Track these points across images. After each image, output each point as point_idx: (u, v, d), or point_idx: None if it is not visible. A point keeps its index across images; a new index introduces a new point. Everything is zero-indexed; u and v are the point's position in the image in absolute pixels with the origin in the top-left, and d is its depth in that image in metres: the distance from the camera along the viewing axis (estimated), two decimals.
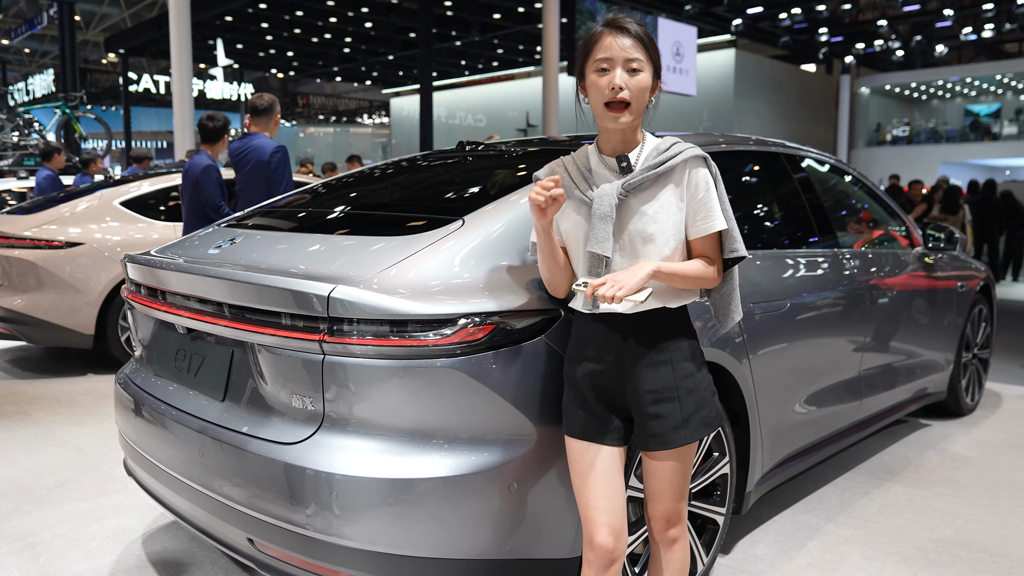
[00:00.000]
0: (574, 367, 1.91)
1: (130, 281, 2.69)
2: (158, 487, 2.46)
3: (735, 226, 1.90)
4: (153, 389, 2.50)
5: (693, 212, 1.85)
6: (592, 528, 1.83)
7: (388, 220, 2.49)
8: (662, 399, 1.84)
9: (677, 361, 1.86)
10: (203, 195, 5.05)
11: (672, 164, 1.82)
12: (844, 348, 3.30)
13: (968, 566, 2.83)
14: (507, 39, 25.86)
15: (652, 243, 1.81)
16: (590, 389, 1.88)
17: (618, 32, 1.80)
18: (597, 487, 1.84)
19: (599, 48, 1.80)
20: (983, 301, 4.73)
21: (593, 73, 1.81)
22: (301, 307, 1.92)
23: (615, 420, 1.89)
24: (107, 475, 3.61)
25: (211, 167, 5.08)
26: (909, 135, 27.74)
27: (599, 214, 1.79)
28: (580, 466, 1.88)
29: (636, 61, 1.79)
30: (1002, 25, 21.27)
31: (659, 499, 1.93)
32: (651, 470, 1.92)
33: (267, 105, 4.92)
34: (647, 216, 1.81)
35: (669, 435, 1.85)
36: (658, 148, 1.86)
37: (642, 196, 1.82)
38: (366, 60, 29.84)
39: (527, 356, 1.98)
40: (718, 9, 21.42)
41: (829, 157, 3.86)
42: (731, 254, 1.90)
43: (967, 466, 3.86)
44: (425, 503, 1.88)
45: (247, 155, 4.80)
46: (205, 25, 22.88)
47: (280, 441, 2.00)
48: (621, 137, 1.86)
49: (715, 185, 1.87)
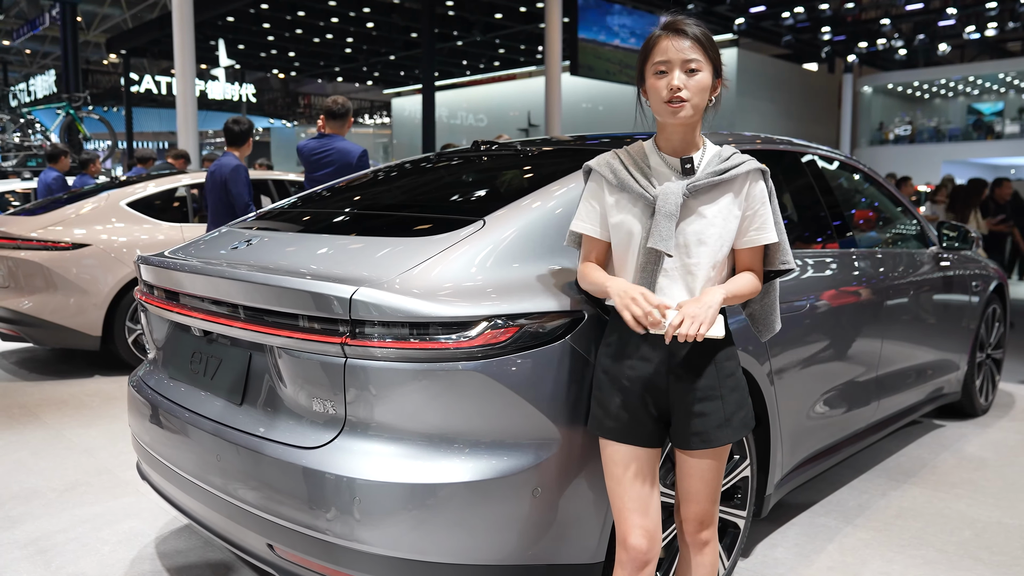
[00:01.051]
0: (613, 367, 1.88)
1: (143, 283, 2.66)
2: (173, 491, 2.43)
3: (786, 239, 1.94)
4: (168, 392, 2.47)
5: (748, 223, 1.88)
6: (626, 529, 1.81)
7: (406, 220, 2.46)
8: (706, 397, 1.84)
9: (720, 360, 1.86)
10: (232, 193, 5.11)
11: (735, 173, 1.84)
12: (861, 348, 3.26)
13: (990, 569, 2.80)
14: (509, 39, 25.83)
15: (705, 246, 1.82)
16: (632, 389, 1.86)
17: (675, 35, 1.79)
18: (632, 489, 1.83)
19: (657, 51, 1.80)
20: (996, 301, 4.70)
21: (652, 76, 1.81)
22: (322, 309, 1.89)
23: (652, 421, 1.87)
24: (118, 478, 3.59)
25: (240, 167, 5.20)
26: (912, 134, 27.70)
27: (664, 211, 1.78)
28: (615, 468, 1.85)
29: (694, 62, 1.78)
30: (1005, 24, 21.23)
31: (694, 500, 1.91)
32: (688, 470, 1.90)
33: (343, 110, 5.14)
34: (705, 219, 1.82)
35: (712, 433, 1.84)
36: (720, 155, 1.88)
37: (702, 199, 1.83)
38: (367, 60, 29.82)
39: (552, 358, 1.95)
40: (720, 8, 21.41)
41: (841, 155, 3.82)
42: (782, 266, 1.95)
43: (984, 468, 3.83)
44: (449, 508, 1.85)
45: (328, 155, 4.99)
46: (207, 25, 22.87)
47: (300, 445, 1.97)
48: (682, 136, 1.85)
49: (770, 199, 1.90)
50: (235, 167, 5.17)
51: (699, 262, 1.82)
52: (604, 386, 1.90)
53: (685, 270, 1.83)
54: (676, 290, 1.83)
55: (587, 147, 2.80)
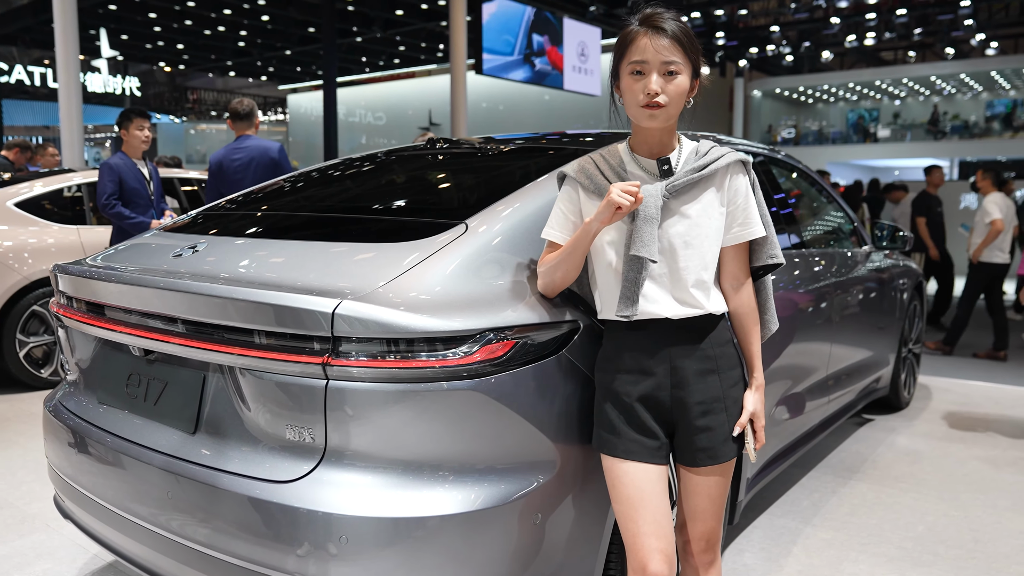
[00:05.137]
0: (612, 380, 1.76)
1: (60, 294, 2.35)
2: (107, 531, 2.13)
3: (773, 233, 1.85)
4: (97, 419, 2.18)
5: (731, 218, 1.77)
6: (644, 556, 1.68)
7: (375, 224, 2.25)
8: (710, 411, 1.74)
9: (724, 369, 1.76)
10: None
11: (715, 168, 1.73)
12: (815, 348, 3.27)
13: (949, 564, 2.85)
14: (409, 36, 25.43)
15: (692, 248, 1.71)
16: (634, 403, 1.74)
17: (654, 32, 1.66)
18: (647, 511, 1.70)
19: (634, 49, 1.67)
20: (916, 297, 4.87)
21: (628, 76, 1.68)
22: (298, 325, 1.68)
23: (659, 436, 1.75)
24: (22, 512, 3.19)
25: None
26: (796, 136, 29.03)
27: (645, 216, 1.65)
28: (625, 489, 1.72)
29: (673, 64, 1.66)
30: (882, 34, 22.52)
31: (700, 519, 1.81)
32: (693, 487, 1.79)
33: (248, 109, 5.07)
34: (689, 219, 1.71)
35: (719, 448, 1.74)
36: (697, 151, 1.77)
37: (683, 199, 1.72)
38: (262, 55, 28.70)
39: (549, 373, 1.81)
40: (621, 11, 21.76)
41: (776, 153, 3.84)
42: (770, 260, 1.84)
43: (920, 460, 3.94)
44: (448, 542, 1.67)
45: (245, 156, 4.88)
46: (87, 13, 21.39)
47: (271, 479, 1.75)
48: (658, 138, 1.75)
49: (753, 191, 1.79)
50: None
51: (687, 266, 1.71)
52: (605, 402, 1.78)
53: (673, 275, 1.72)
54: (664, 297, 1.72)
55: (555, 145, 2.67)
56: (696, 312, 1.72)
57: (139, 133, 5.02)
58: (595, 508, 1.91)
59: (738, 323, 1.83)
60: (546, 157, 2.50)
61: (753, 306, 1.84)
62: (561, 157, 2.38)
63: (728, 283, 1.81)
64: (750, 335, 1.83)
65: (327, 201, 2.68)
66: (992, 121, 26.57)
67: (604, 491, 1.90)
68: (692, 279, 1.72)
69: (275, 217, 2.52)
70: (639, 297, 1.70)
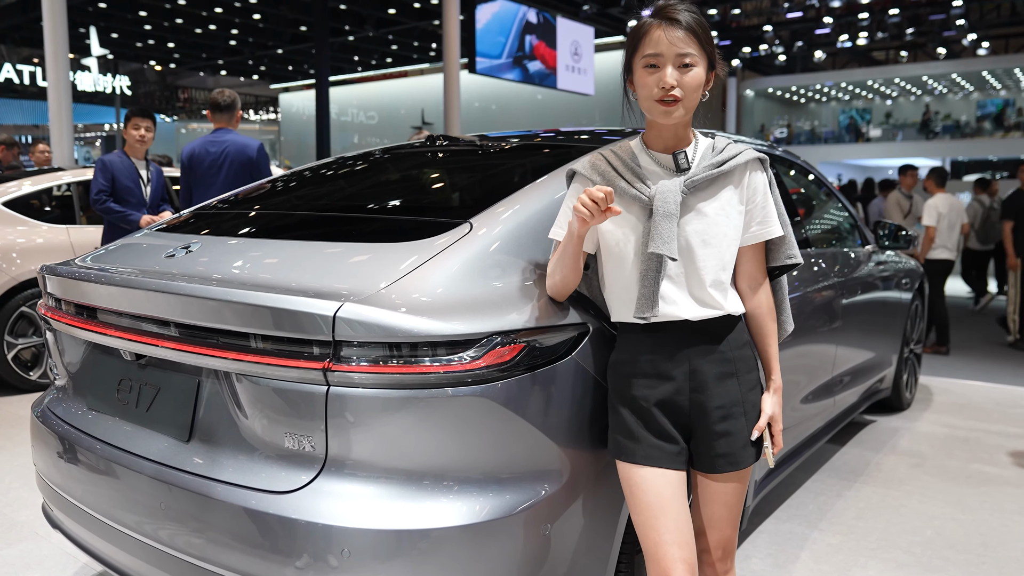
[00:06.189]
0: (629, 385, 1.70)
1: (49, 296, 2.27)
2: (98, 543, 2.06)
3: (791, 232, 1.79)
4: (87, 426, 2.10)
5: (750, 216, 1.72)
6: (667, 565, 1.62)
7: (374, 223, 2.18)
8: (729, 415, 1.68)
9: (742, 373, 1.71)
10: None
11: (733, 164, 1.68)
12: (822, 349, 3.22)
13: (960, 569, 2.79)
14: (402, 35, 25.32)
15: (711, 247, 1.65)
16: (652, 407, 1.68)
17: (668, 24, 1.60)
18: (668, 519, 1.64)
19: (648, 42, 1.61)
20: (918, 297, 4.83)
21: (641, 69, 1.63)
22: (297, 329, 1.61)
23: (679, 441, 1.69)
24: (10, 520, 3.10)
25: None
26: (789, 136, 29.07)
27: (664, 212, 1.60)
28: (645, 496, 1.66)
29: (688, 56, 1.60)
30: (874, 34, 22.57)
31: (717, 527, 1.75)
32: (711, 495, 1.73)
33: (229, 101, 4.82)
34: (708, 217, 1.65)
35: (739, 454, 1.69)
36: (714, 147, 1.72)
37: (701, 196, 1.66)
38: (253, 53, 28.53)
39: (559, 378, 1.74)
40: (614, 10, 21.71)
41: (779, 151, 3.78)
42: (788, 260, 1.79)
43: (924, 462, 3.89)
44: (454, 555, 1.61)
45: (222, 153, 4.63)
46: (77, 11, 21.19)
47: (269, 489, 1.68)
48: (673, 133, 1.69)
49: (771, 189, 1.74)
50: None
51: (705, 265, 1.66)
52: (622, 407, 1.71)
53: (691, 275, 1.66)
54: (682, 298, 1.66)
55: (558, 142, 2.60)
56: (715, 313, 1.66)
57: (134, 132, 4.94)
58: (605, 517, 1.85)
59: (755, 325, 1.78)
60: (551, 154, 2.44)
61: (771, 307, 1.78)
62: (566, 154, 2.31)
63: (745, 283, 1.75)
64: (768, 337, 1.78)
65: (326, 200, 2.61)
66: (983, 121, 26.68)
67: (614, 499, 1.85)
68: (710, 279, 1.66)
69: (272, 216, 2.44)
70: (656, 298, 1.64)
